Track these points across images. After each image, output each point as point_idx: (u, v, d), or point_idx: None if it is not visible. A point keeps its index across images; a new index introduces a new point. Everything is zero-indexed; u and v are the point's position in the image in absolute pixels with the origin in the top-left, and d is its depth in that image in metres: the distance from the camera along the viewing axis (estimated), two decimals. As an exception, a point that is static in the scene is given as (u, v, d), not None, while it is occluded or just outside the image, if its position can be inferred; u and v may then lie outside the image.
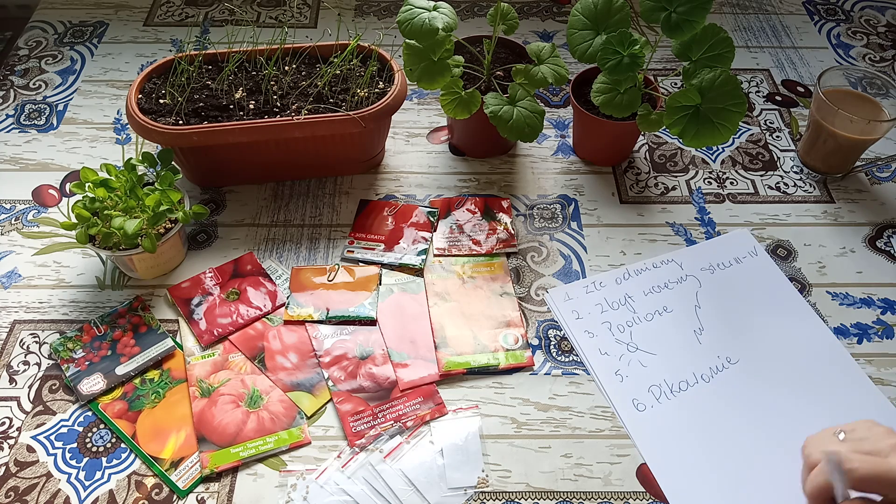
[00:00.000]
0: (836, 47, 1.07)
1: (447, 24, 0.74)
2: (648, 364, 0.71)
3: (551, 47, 0.82)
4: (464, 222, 0.83)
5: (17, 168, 0.89)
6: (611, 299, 0.76)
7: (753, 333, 0.73)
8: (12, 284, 0.77)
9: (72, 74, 1.00)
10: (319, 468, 0.64)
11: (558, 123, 0.95)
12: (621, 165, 0.90)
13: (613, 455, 0.66)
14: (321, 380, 0.70)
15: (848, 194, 0.87)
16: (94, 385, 0.69)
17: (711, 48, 0.74)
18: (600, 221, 0.84)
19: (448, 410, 0.68)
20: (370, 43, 0.86)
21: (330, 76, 0.83)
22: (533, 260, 0.80)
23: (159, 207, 0.72)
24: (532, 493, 0.63)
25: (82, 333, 0.72)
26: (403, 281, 0.78)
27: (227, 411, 0.67)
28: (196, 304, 0.75)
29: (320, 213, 0.84)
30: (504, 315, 0.75)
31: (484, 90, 0.83)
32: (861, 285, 0.78)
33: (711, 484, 0.63)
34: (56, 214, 0.84)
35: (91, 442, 0.66)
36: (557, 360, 0.72)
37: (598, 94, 0.78)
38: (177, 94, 0.81)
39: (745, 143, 0.93)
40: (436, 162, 0.90)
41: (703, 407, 0.68)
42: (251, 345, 0.72)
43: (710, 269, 0.79)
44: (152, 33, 1.07)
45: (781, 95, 1.00)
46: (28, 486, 0.63)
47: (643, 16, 0.74)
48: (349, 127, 0.78)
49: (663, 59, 1.04)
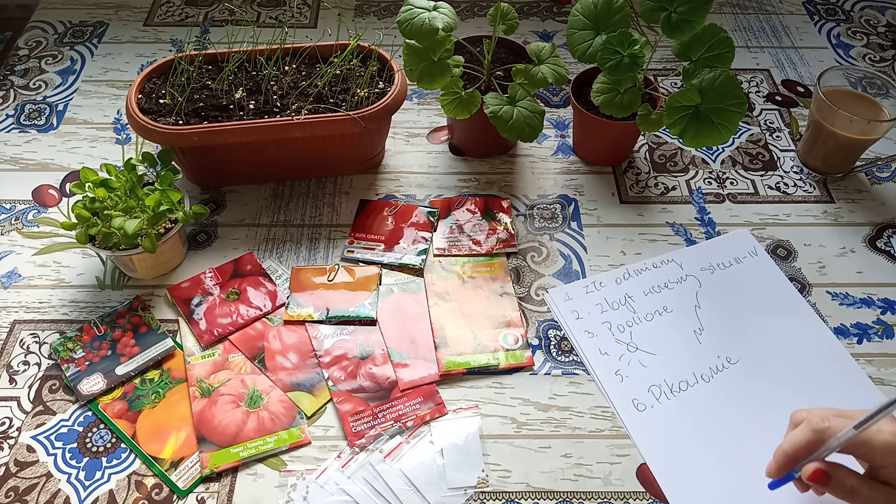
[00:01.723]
0: (836, 47, 1.07)
1: (447, 24, 0.74)
2: (648, 364, 0.71)
3: (551, 47, 0.82)
4: (464, 222, 0.83)
5: (17, 168, 0.89)
6: (611, 299, 0.76)
7: (753, 333, 0.73)
8: (12, 284, 0.77)
9: (72, 74, 1.00)
10: (319, 468, 0.64)
11: (558, 123, 0.95)
12: (621, 165, 0.90)
13: (613, 455, 0.66)
14: (321, 380, 0.70)
15: (848, 194, 0.87)
16: (94, 385, 0.69)
17: (711, 48, 0.74)
18: (600, 221, 0.84)
19: (448, 410, 0.68)
20: (370, 43, 0.86)
21: (330, 76, 0.83)
22: (533, 260, 0.80)
23: (159, 207, 0.72)
24: (532, 493, 0.63)
25: (82, 333, 0.72)
26: (403, 281, 0.78)
27: (227, 411, 0.67)
28: (196, 304, 0.75)
29: (320, 213, 0.84)
30: (504, 315, 0.75)
31: (484, 90, 0.83)
32: (861, 285, 0.78)
33: (711, 484, 0.63)
34: (56, 214, 0.84)
35: (91, 442, 0.66)
36: (557, 360, 0.72)
37: (598, 94, 0.78)
38: (177, 94, 0.81)
39: (745, 143, 0.93)
40: (436, 162, 0.90)
41: (704, 407, 0.68)
42: (251, 345, 0.72)
43: (710, 269, 0.79)
44: (152, 33, 1.07)
45: (781, 95, 1.00)
46: (28, 486, 0.63)
47: (643, 16, 0.74)
48: (349, 127, 0.78)
49: (663, 59, 1.04)
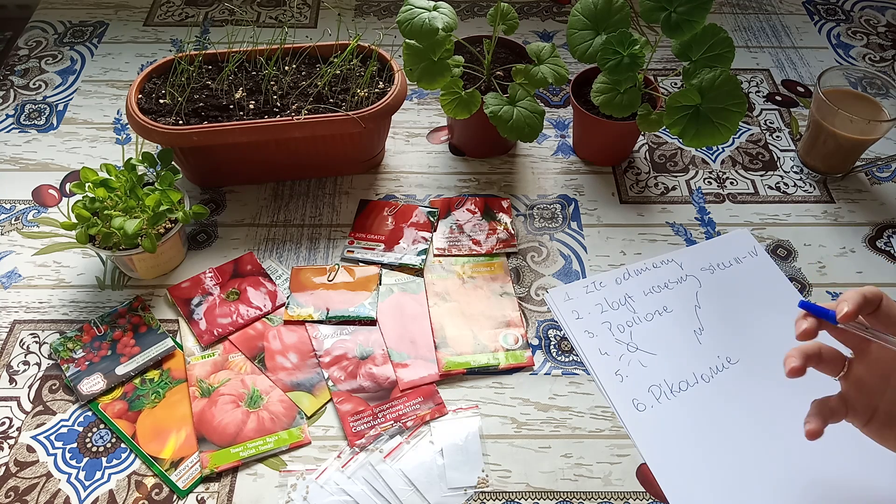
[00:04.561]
0: (836, 47, 1.07)
1: (447, 24, 0.74)
2: (648, 364, 0.71)
3: (551, 47, 0.82)
4: (464, 222, 0.83)
5: (17, 168, 0.89)
6: (611, 299, 0.76)
7: (753, 333, 0.73)
8: (12, 284, 0.77)
9: (72, 74, 1.00)
10: (319, 468, 0.64)
11: (558, 123, 0.95)
12: (621, 165, 0.90)
13: (613, 455, 0.66)
14: (321, 380, 0.70)
15: (848, 194, 0.87)
16: (94, 385, 0.69)
17: (711, 48, 0.74)
18: (600, 221, 0.84)
19: (448, 410, 0.68)
20: (370, 43, 0.86)
21: (330, 76, 0.83)
22: (533, 260, 0.80)
23: (159, 207, 0.72)
24: (532, 493, 0.63)
25: (82, 333, 0.72)
26: (403, 281, 0.78)
27: (227, 411, 0.67)
28: (196, 304, 0.75)
29: (320, 213, 0.84)
30: (504, 315, 0.75)
31: (484, 90, 0.83)
32: (861, 285, 0.78)
33: (711, 484, 0.63)
34: (56, 214, 0.84)
35: (91, 442, 0.66)
36: (557, 360, 0.72)
37: (598, 94, 0.78)
38: (177, 94, 0.81)
39: (745, 143, 0.93)
40: (436, 162, 0.90)
41: (704, 407, 0.68)
42: (251, 345, 0.72)
43: (710, 269, 0.79)
44: (152, 33, 1.07)
45: (781, 95, 1.00)
46: (28, 486, 0.63)
47: (643, 16, 0.74)
48: (349, 127, 0.78)
49: (663, 59, 1.04)
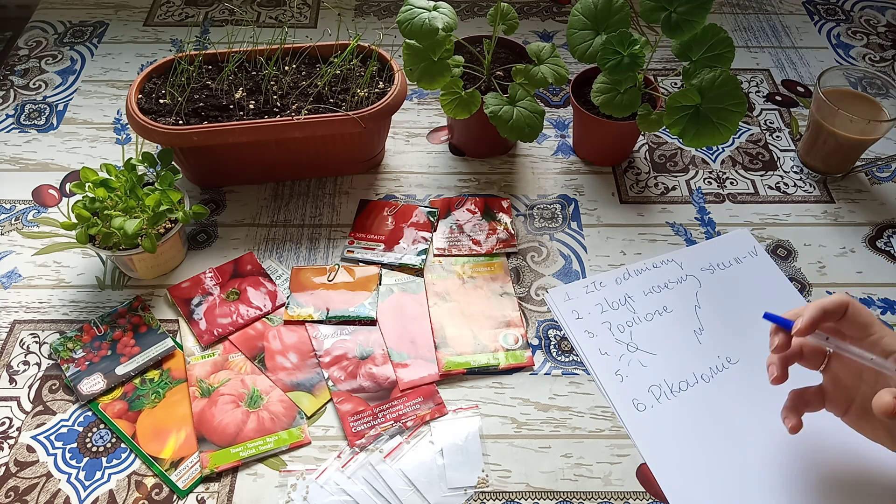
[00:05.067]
0: (836, 47, 1.07)
1: (447, 24, 0.74)
2: (648, 364, 0.71)
3: (551, 47, 0.82)
4: (464, 222, 0.83)
5: (17, 168, 0.89)
6: (611, 299, 0.76)
7: (753, 333, 0.73)
8: (12, 284, 0.77)
9: (72, 74, 1.00)
10: (319, 468, 0.64)
11: (558, 123, 0.95)
12: (621, 165, 0.90)
13: (613, 455, 0.66)
14: (321, 380, 0.70)
15: (848, 194, 0.87)
16: (94, 385, 0.69)
17: (711, 48, 0.74)
18: (600, 221, 0.84)
19: (448, 410, 0.68)
20: (370, 43, 0.86)
21: (330, 76, 0.83)
22: (533, 260, 0.80)
23: (159, 207, 0.72)
24: (532, 493, 0.63)
25: (82, 333, 0.72)
26: (403, 281, 0.78)
27: (227, 411, 0.67)
28: (196, 304, 0.75)
29: (320, 213, 0.84)
30: (504, 315, 0.75)
31: (484, 90, 0.83)
32: (861, 285, 0.78)
33: (711, 484, 0.63)
34: (56, 214, 0.84)
35: (91, 442, 0.66)
36: (557, 360, 0.72)
37: (598, 94, 0.78)
38: (177, 94, 0.81)
39: (745, 143, 0.93)
40: (436, 162, 0.90)
41: (703, 407, 0.68)
42: (251, 345, 0.72)
43: (710, 269, 0.79)
44: (152, 33, 1.07)
45: (781, 95, 1.00)
46: (28, 486, 0.63)
47: (643, 16, 0.74)
48: (349, 127, 0.78)
49: (663, 59, 1.04)
